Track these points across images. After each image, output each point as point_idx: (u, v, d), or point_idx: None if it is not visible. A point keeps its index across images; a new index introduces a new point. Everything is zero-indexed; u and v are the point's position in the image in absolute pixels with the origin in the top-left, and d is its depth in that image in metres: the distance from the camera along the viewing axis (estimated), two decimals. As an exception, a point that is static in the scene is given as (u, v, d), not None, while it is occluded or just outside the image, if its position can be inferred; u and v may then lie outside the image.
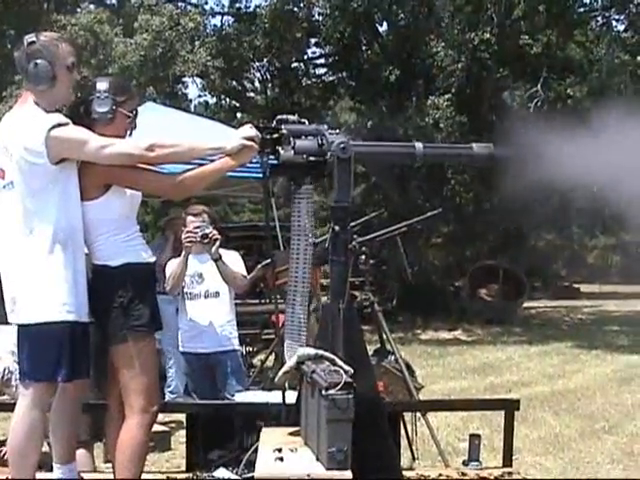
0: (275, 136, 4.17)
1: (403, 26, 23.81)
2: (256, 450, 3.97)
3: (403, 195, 23.85)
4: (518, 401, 5.43)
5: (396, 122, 21.74)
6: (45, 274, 4.12)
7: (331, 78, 27.38)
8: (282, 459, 3.71)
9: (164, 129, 7.51)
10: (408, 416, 6.78)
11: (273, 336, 9.66)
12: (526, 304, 26.21)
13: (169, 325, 8.47)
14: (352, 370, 3.67)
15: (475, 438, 5.24)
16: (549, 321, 25.00)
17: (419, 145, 4.37)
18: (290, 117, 4.26)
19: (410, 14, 23.49)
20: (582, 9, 24.20)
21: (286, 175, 4.25)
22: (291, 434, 4.12)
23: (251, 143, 4.17)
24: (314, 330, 4.69)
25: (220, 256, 6.88)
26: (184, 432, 5.54)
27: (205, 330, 6.98)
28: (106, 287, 4.26)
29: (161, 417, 7.82)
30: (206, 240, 6.75)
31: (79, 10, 22.62)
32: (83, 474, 4.61)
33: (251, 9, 24.56)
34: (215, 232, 6.81)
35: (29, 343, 4.20)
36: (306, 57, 26.67)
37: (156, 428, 7.72)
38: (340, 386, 3.53)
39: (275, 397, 4.73)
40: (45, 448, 4.50)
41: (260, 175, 4.33)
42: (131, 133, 4.47)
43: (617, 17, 23.73)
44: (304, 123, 4.24)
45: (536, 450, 8.28)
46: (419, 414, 6.83)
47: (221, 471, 4.73)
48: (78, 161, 4.24)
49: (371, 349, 7.23)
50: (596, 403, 10.90)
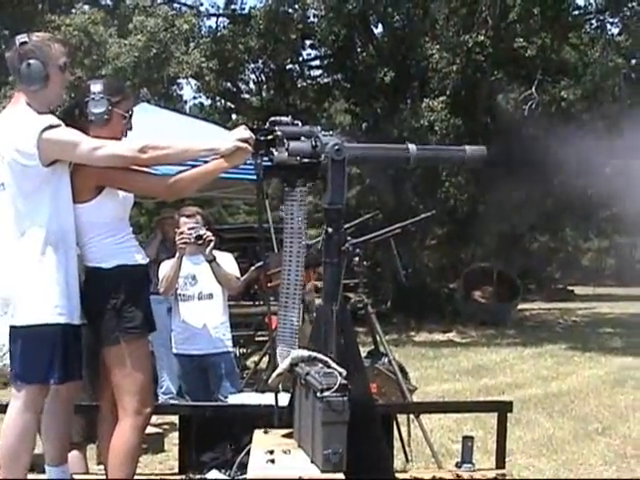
0: (269, 138, 4.17)
1: (398, 28, 23.82)
2: (249, 452, 3.96)
3: (397, 197, 23.85)
4: (511, 403, 5.43)
5: (391, 124, 21.77)
6: (37, 276, 4.12)
7: (326, 80, 27.38)
8: (274, 461, 3.71)
9: (158, 130, 7.53)
10: (402, 418, 6.79)
11: (267, 338, 9.65)
12: (520, 306, 26.20)
13: (161, 326, 8.51)
14: (345, 372, 3.66)
15: (468, 440, 5.23)
16: (543, 323, 25.01)
17: (413, 147, 4.37)
18: (284, 119, 4.25)
19: (405, 16, 23.52)
20: (577, 12, 24.20)
21: (280, 177, 4.24)
22: (284, 436, 4.12)
23: (245, 145, 4.17)
24: (307, 332, 4.68)
25: (214, 257, 6.87)
26: (177, 434, 5.54)
27: (198, 332, 6.98)
28: (99, 289, 4.25)
29: (154, 419, 7.78)
30: (200, 241, 6.74)
31: (73, 11, 22.56)
32: (75, 476, 4.60)
33: (246, 11, 24.57)
34: (209, 233, 6.80)
35: (21, 345, 4.19)
36: (301, 59, 26.64)
37: (149, 430, 7.69)
38: (335, 388, 3.53)
39: (268, 399, 4.72)
40: (37, 450, 4.50)
41: (254, 177, 4.32)
42: (126, 134, 4.46)
43: (611, 20, 23.74)
44: (298, 125, 4.24)
45: (529, 452, 8.28)
46: (412, 416, 6.83)
47: (214, 473, 4.73)
48: (70, 163, 4.23)
49: (365, 351, 7.24)
50: (589, 405, 10.91)
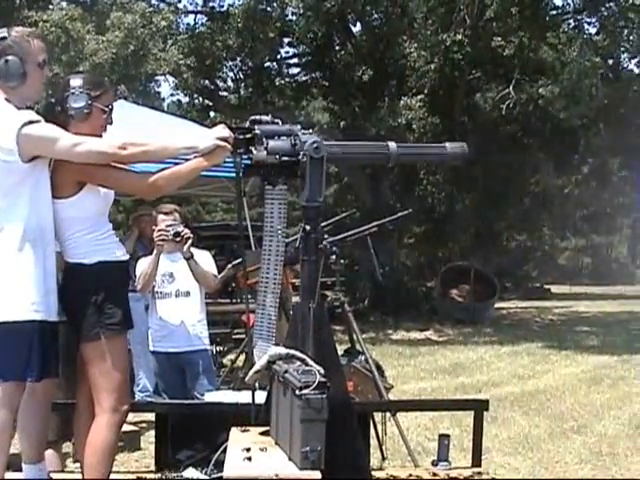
0: (248, 136, 4.17)
1: (376, 26, 23.86)
2: (225, 450, 3.96)
3: (375, 195, 23.90)
4: (487, 401, 5.45)
5: (369, 122, 21.79)
6: (14, 273, 4.10)
7: (304, 78, 27.37)
8: (250, 459, 3.71)
9: (135, 128, 7.50)
10: (378, 416, 6.80)
11: (243, 336, 9.65)
12: (497, 305, 26.29)
13: (138, 323, 8.48)
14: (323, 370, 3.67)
15: (444, 438, 5.25)
16: (520, 322, 25.10)
17: (393, 145, 4.38)
18: (264, 117, 4.26)
19: (383, 15, 23.56)
20: (554, 11, 24.30)
21: (259, 175, 4.24)
22: (261, 434, 4.12)
23: (224, 143, 4.17)
24: (284, 329, 4.69)
25: (192, 255, 6.87)
26: (154, 432, 5.52)
27: (175, 329, 6.97)
28: (80, 285, 4.24)
29: (131, 417, 7.76)
30: (178, 239, 6.73)
31: (51, 7, 22.40)
32: (52, 474, 4.59)
33: (224, 8, 24.50)
34: (187, 231, 6.80)
35: (-2, 342, 4.17)
36: (279, 57, 26.61)
37: (125, 428, 7.67)
38: (314, 386, 3.54)
39: (245, 397, 4.72)
40: (13, 449, 4.48)
41: (233, 175, 4.33)
42: (106, 128, 4.45)
43: (589, 20, 23.88)
44: (277, 123, 4.25)
45: (505, 450, 8.32)
46: (389, 414, 6.84)
47: (190, 471, 4.73)
48: (51, 159, 4.22)
49: (341, 349, 7.26)
50: (565, 403, 10.96)
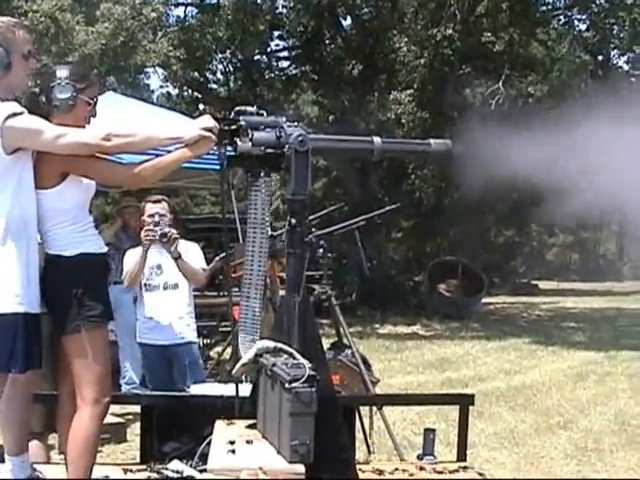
0: (233, 127, 4.16)
1: (366, 21, 23.86)
2: (210, 443, 3.96)
3: (364, 190, 23.91)
4: (473, 396, 5.46)
5: (358, 116, 21.80)
6: (-3, 265, 4.08)
7: (294, 71, 27.35)
8: (234, 452, 3.71)
9: (124, 119, 7.48)
10: (364, 410, 6.80)
11: (230, 328, 9.65)
12: (485, 300, 26.36)
13: (126, 315, 8.48)
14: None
15: (430, 432, 5.25)
16: (507, 317, 25.15)
17: (377, 139, 4.38)
18: (249, 109, 4.25)
19: (374, 9, 23.57)
20: (545, 8, 24.33)
21: (243, 167, 4.23)
22: (248, 427, 4.12)
23: (209, 134, 4.16)
24: (270, 322, 4.68)
25: (180, 255, 6.84)
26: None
27: (163, 322, 6.96)
28: (60, 277, 4.22)
29: (117, 409, 7.81)
30: (165, 239, 6.71)
31: (41, -3, 22.38)
32: (36, 465, 4.57)
33: (214, 0, 24.41)
34: (174, 231, 6.77)
35: (-19, 334, 4.15)
36: (269, 50, 26.59)
37: (111, 420, 7.72)
38: (303, 380, 3.53)
39: (230, 390, 4.71)
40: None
41: (218, 166, 4.31)
42: (90, 121, 4.42)
43: (579, 17, 23.93)
44: (263, 115, 4.24)
45: (491, 445, 8.33)
46: (375, 408, 6.84)
47: (175, 463, 4.72)
48: (33, 151, 4.19)
49: (328, 343, 7.26)
50: (552, 399, 10.99)
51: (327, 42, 24.85)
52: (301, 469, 3.53)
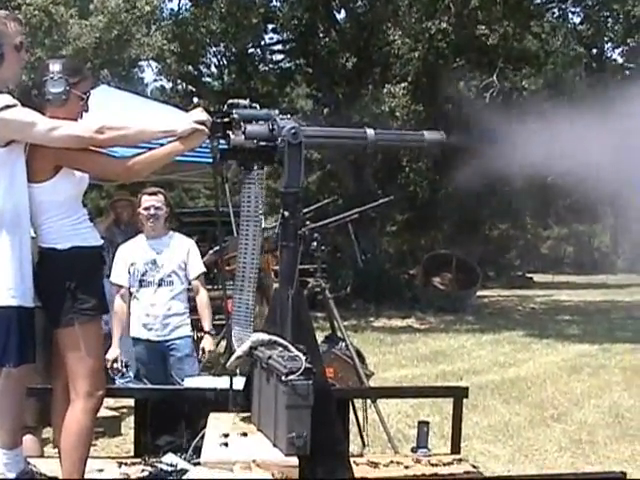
0: (226, 120, 4.15)
1: (361, 14, 23.85)
2: (204, 436, 3.96)
3: (358, 183, 23.90)
4: (467, 389, 5.46)
5: (352, 110, 21.77)
6: (-10, 259, 4.07)
7: (288, 64, 27.37)
8: (227, 444, 3.70)
9: (118, 112, 7.47)
10: (359, 403, 6.81)
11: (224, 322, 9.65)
12: (479, 293, 26.40)
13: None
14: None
15: (424, 425, 5.25)
16: (502, 310, 25.20)
17: (370, 131, 4.37)
18: (242, 101, 4.23)
19: (368, 2, 23.55)
20: (539, 1, 24.34)
21: (236, 160, 4.22)
22: (241, 420, 4.12)
23: (202, 127, 4.15)
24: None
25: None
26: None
27: (158, 317, 6.97)
28: (53, 270, 4.21)
29: (111, 402, 7.82)
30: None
31: (34, -10, 22.33)
32: (30, 459, 4.57)
33: (208, -7, 24.41)
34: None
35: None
36: (263, 43, 26.57)
37: (106, 413, 7.72)
38: (300, 372, 3.53)
39: (224, 383, 4.71)
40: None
41: (211, 160, 4.31)
42: (82, 116, 4.41)
43: (573, 9, 23.93)
44: (255, 108, 4.23)
45: (485, 437, 8.35)
46: (369, 401, 6.85)
47: (169, 457, 4.71)
48: (26, 144, 4.18)
49: (323, 336, 7.27)
50: (546, 391, 11.01)
51: (321, 35, 24.83)
52: (295, 461, 3.54)
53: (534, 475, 6.43)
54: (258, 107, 4.23)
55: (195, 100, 28.75)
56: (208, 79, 28.34)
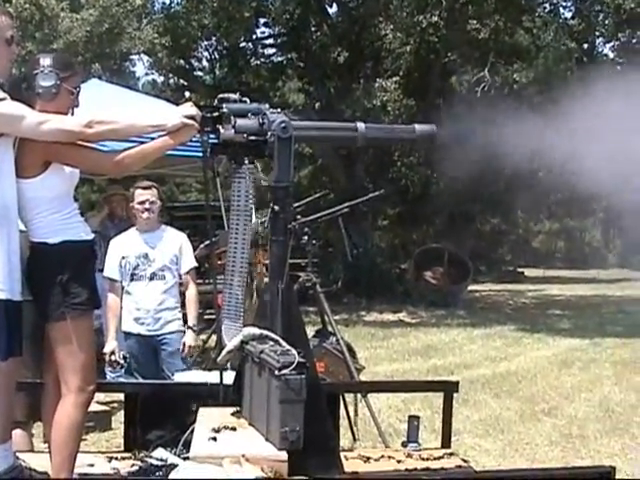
0: (216, 115, 4.14)
1: (352, 8, 23.83)
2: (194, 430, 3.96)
3: (349, 177, 23.90)
4: (457, 383, 5.46)
5: (344, 104, 21.77)
6: (-22, 252, 4.06)
7: (280, 59, 27.32)
8: (215, 439, 3.71)
9: (109, 106, 7.45)
10: (349, 397, 6.81)
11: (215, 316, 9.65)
12: (471, 287, 26.43)
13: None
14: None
15: (414, 419, 5.25)
16: (493, 304, 25.23)
17: (361, 125, 4.37)
18: (232, 96, 4.23)
19: (359, -4, 23.51)
20: (530, -5, 24.33)
21: (226, 154, 4.22)
22: (232, 414, 4.12)
23: (191, 122, 4.14)
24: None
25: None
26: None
27: (149, 312, 6.97)
28: (44, 265, 4.20)
29: (102, 397, 7.81)
30: None
31: (25, -16, 22.27)
32: (19, 454, 4.56)
33: (200, -13, 24.34)
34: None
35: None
36: (255, 37, 26.53)
37: (97, 408, 7.71)
38: (293, 367, 3.53)
39: (214, 377, 4.71)
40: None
41: (201, 154, 4.30)
42: (73, 111, 4.40)
43: (564, 4, 23.95)
44: (246, 102, 4.22)
45: (476, 432, 8.37)
46: (360, 395, 6.86)
47: (159, 451, 4.71)
48: (15, 138, 4.17)
49: (314, 330, 7.27)
50: (537, 386, 11.03)
51: (313, 29, 24.80)
52: (284, 456, 3.54)
53: (524, 469, 6.44)
54: (248, 101, 4.23)
55: (187, 94, 28.72)
56: (200, 73, 28.30)
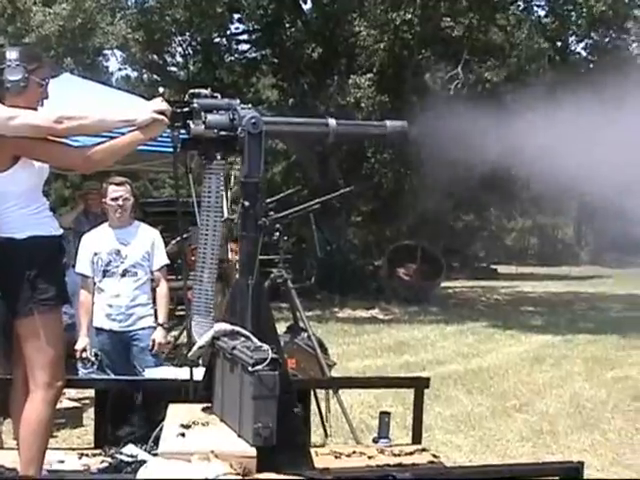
0: (186, 110, 4.13)
1: (326, 4, 23.78)
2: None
3: (323, 173, 23.91)
4: (428, 379, 5.48)
5: (318, 100, 21.76)
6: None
7: (254, 54, 27.25)
8: (184, 435, 3.70)
9: (81, 102, 7.42)
10: (321, 394, 6.81)
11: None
12: (444, 284, 26.50)
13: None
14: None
15: (385, 416, 5.27)
16: (466, 301, 25.31)
17: (332, 121, 4.38)
18: (203, 91, 4.22)
19: (334, -8, 23.47)
20: (504, -7, 24.42)
21: (197, 149, 4.21)
22: (202, 410, 4.11)
23: (162, 117, 4.13)
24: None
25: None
26: (94, 408, 5.49)
27: (121, 308, 6.96)
28: (12, 260, 4.18)
29: (73, 393, 7.77)
30: None
31: (-3, -22, 22.13)
32: (-12, 450, 4.54)
33: (172, -18, 24.23)
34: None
35: None
36: (229, 33, 26.45)
37: (68, 404, 7.68)
38: (267, 363, 3.53)
39: (185, 373, 4.70)
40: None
41: (171, 149, 4.29)
42: (42, 103, 4.38)
43: (538, 3, 24.09)
44: (217, 97, 4.21)
45: (448, 428, 8.39)
46: (331, 391, 6.86)
47: (130, 447, 4.70)
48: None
49: (286, 326, 7.27)
50: (508, 382, 11.08)
51: (287, 26, 24.73)
52: (253, 452, 3.54)
53: (495, 465, 6.46)
54: (219, 97, 4.22)
55: (160, 89, 28.55)
56: (173, 68, 28.20)
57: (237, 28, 26.94)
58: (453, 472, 4.77)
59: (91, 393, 7.31)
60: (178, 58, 27.67)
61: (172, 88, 26.56)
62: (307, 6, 25.17)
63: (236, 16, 25.46)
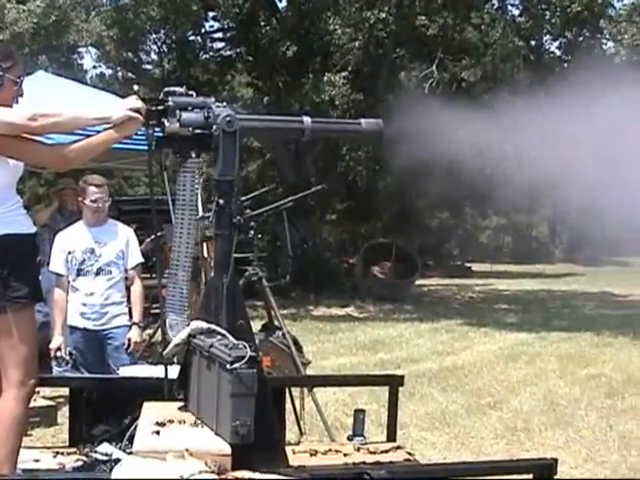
0: (161, 108, 4.12)
1: (302, 2, 23.77)
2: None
3: (298, 171, 23.90)
4: (402, 377, 5.49)
5: (293, 98, 21.75)
6: None
7: (229, 52, 27.23)
8: (159, 433, 3.70)
9: (55, 99, 7.38)
10: (296, 392, 6.82)
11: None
12: (418, 282, 26.54)
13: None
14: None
15: (360, 413, 5.27)
16: (440, 299, 25.39)
17: (307, 119, 4.38)
18: (178, 89, 4.21)
19: (309, -10, 23.47)
20: (479, -8, 24.50)
21: (172, 147, 4.20)
22: (178, 409, 4.11)
23: (136, 115, 4.11)
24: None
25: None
26: (68, 407, 5.47)
27: (95, 306, 6.96)
28: (-16, 258, 4.17)
29: (48, 392, 7.74)
30: None
31: (-31, -26, 21.97)
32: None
33: (147, -21, 24.13)
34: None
35: None
36: (204, 31, 26.41)
37: (42, 403, 7.65)
38: (245, 360, 3.53)
39: (160, 371, 4.69)
40: None
41: (146, 147, 4.28)
42: (17, 100, 4.36)
43: (512, 2, 24.16)
44: (192, 95, 4.20)
45: (422, 425, 8.41)
46: (306, 389, 6.87)
47: (105, 446, 4.68)
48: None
49: (261, 324, 7.28)
50: (483, 379, 11.11)
51: (262, 24, 24.68)
52: (228, 450, 3.54)
53: (469, 462, 6.48)
54: (194, 95, 4.21)
55: (135, 87, 28.48)
56: (148, 66, 28.13)
57: (212, 26, 26.93)
58: (428, 469, 4.78)
59: (65, 391, 7.30)
60: (153, 56, 27.66)
61: (147, 86, 26.50)
62: (282, 4, 25.23)
63: (211, 14, 25.44)
